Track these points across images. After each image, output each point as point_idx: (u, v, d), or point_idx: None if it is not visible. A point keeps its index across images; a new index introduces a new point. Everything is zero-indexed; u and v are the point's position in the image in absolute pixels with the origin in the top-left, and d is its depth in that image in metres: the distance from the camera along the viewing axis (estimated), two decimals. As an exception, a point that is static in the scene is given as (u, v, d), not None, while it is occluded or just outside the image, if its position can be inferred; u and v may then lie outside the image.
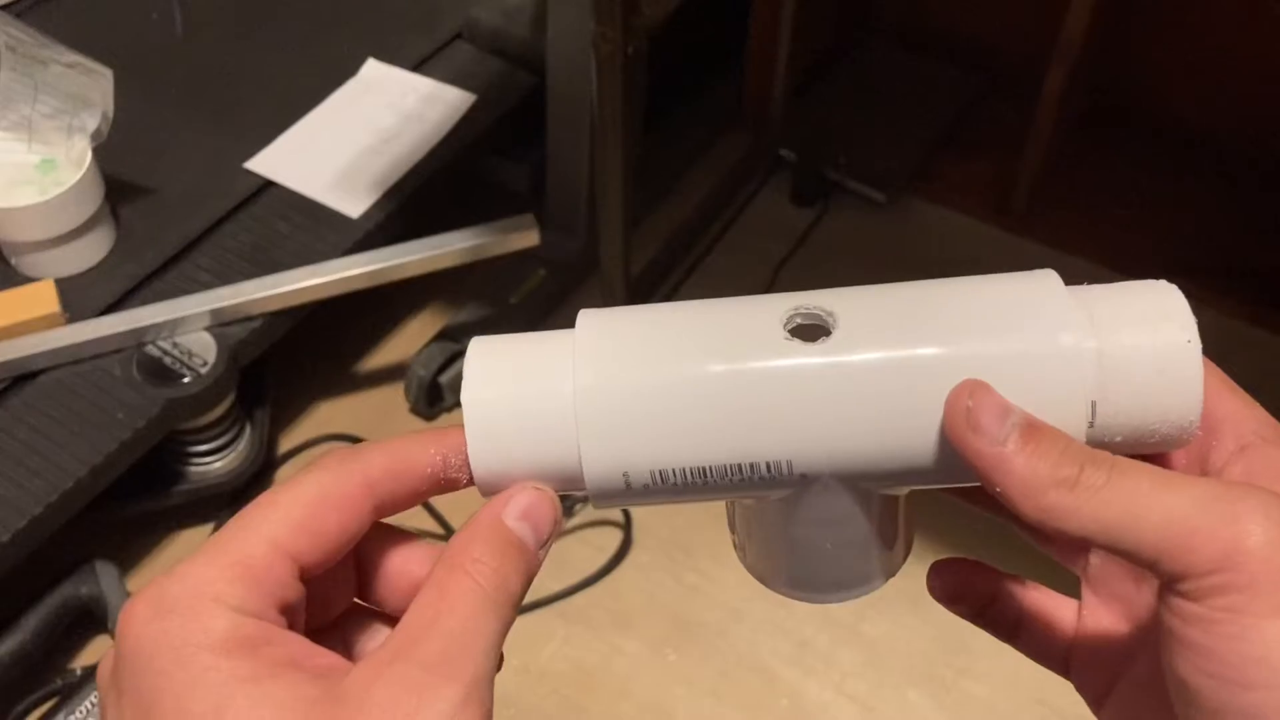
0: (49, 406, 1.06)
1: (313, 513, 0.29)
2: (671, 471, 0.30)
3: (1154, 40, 1.47)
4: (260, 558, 0.28)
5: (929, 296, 0.32)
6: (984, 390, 0.29)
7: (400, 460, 0.31)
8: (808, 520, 0.32)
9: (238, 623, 0.27)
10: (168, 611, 0.27)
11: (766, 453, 0.30)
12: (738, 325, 0.32)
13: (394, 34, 1.39)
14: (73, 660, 1.11)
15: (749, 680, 1.12)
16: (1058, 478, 0.28)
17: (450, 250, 1.18)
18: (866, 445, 0.30)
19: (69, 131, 1.12)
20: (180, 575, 0.28)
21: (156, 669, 0.26)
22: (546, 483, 0.31)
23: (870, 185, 1.53)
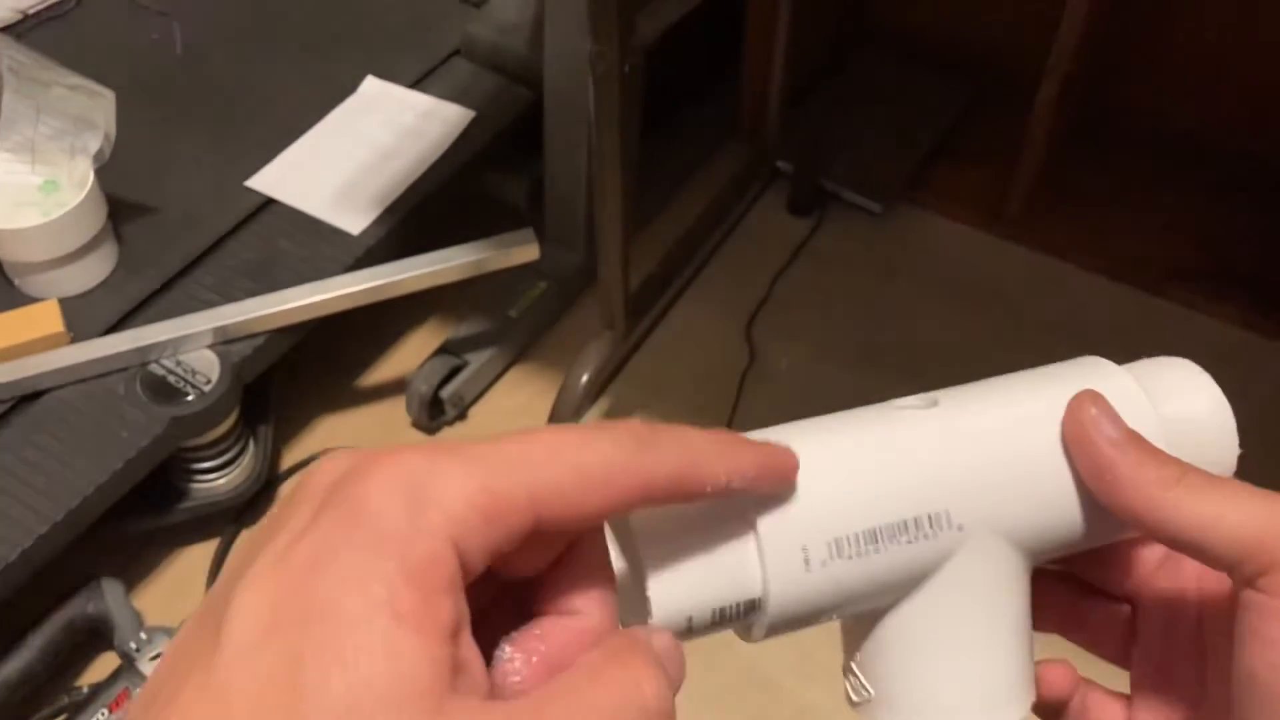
0: (54, 426, 1.06)
1: (582, 484, 0.27)
2: (847, 540, 0.32)
3: (1147, 48, 1.48)
4: (512, 503, 0.25)
5: (1006, 382, 0.36)
6: (1104, 400, 0.33)
7: (690, 469, 0.28)
8: (964, 600, 0.33)
9: (439, 555, 0.24)
10: (403, 494, 0.25)
11: (926, 505, 0.33)
12: (860, 417, 0.34)
13: (392, 51, 1.40)
14: (80, 678, 1.11)
15: (754, 692, 1.13)
16: (1162, 475, 0.32)
17: (451, 265, 1.19)
18: (1001, 483, 0.33)
19: (71, 153, 1.13)
20: (441, 471, 0.25)
21: (354, 532, 0.24)
22: (724, 603, 0.31)
23: (866, 195, 1.54)
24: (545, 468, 0.26)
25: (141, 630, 1.06)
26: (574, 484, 0.26)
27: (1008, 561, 0.34)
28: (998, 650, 0.34)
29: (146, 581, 1.18)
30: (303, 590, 0.24)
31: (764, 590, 0.32)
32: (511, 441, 0.26)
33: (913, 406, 0.34)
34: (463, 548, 0.25)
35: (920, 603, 0.33)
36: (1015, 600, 0.34)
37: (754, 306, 1.44)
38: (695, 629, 0.32)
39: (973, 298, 1.44)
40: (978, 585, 0.33)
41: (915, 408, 0.34)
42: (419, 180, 1.27)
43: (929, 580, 0.33)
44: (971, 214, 1.53)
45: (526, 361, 1.38)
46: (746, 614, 0.32)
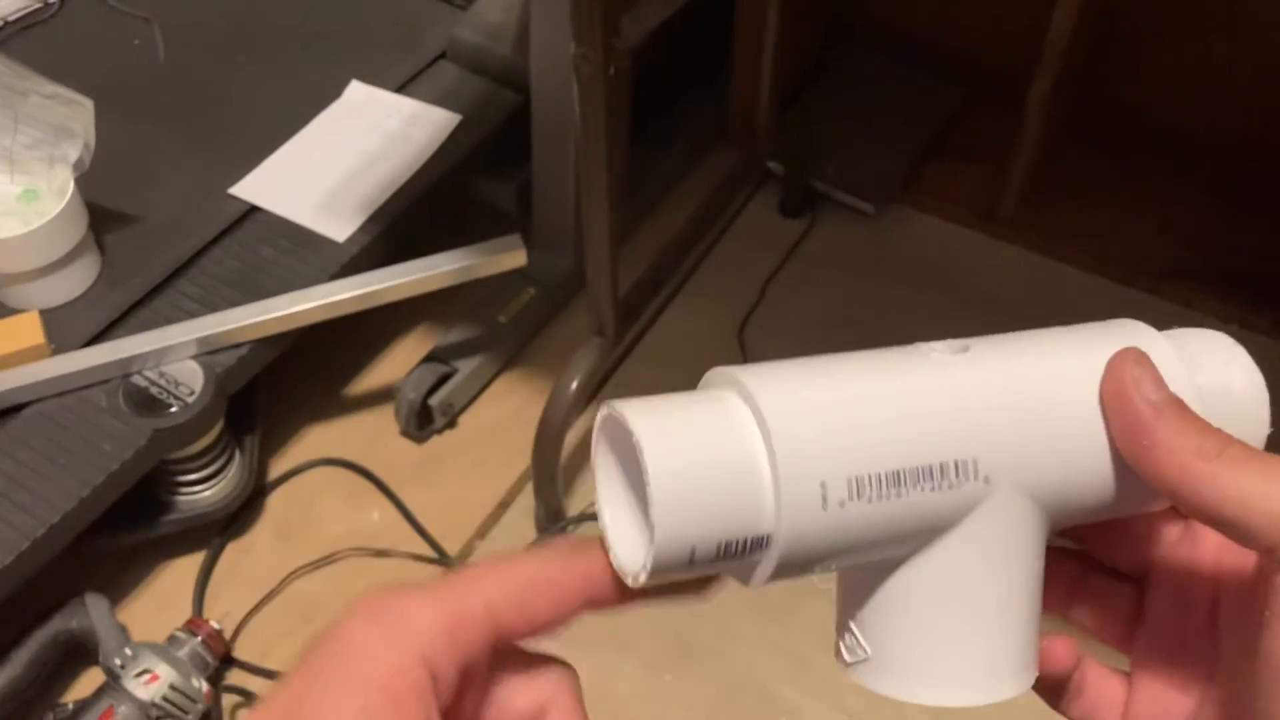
0: (35, 440, 1.05)
1: (532, 592, 0.30)
2: (868, 479, 0.30)
3: (1139, 46, 1.47)
4: (471, 617, 0.29)
5: (1042, 335, 0.34)
6: (1147, 359, 0.32)
7: None
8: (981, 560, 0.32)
9: (409, 666, 0.28)
10: (374, 619, 0.29)
11: (954, 451, 0.31)
12: (889, 356, 0.33)
13: (377, 55, 1.39)
14: (64, 694, 1.10)
15: (747, 700, 1.11)
16: (1203, 446, 0.30)
17: (438, 272, 1.17)
18: (1032, 436, 0.32)
19: (51, 162, 1.11)
20: (406, 598, 0.30)
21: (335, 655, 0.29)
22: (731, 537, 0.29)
23: (858, 196, 1.53)
24: (496, 584, 0.30)
25: (126, 646, 1.05)
26: (523, 592, 0.30)
27: (1029, 522, 0.32)
28: (1008, 618, 0.32)
29: (132, 596, 1.17)
30: (293, 708, 0.28)
31: (775, 526, 0.29)
32: (465, 570, 0.31)
33: (943, 350, 0.33)
34: (431, 660, 0.28)
35: (934, 559, 0.31)
36: (1031, 566, 0.32)
37: (746, 309, 1.43)
38: (698, 561, 0.30)
39: (966, 298, 1.42)
40: (996, 545, 0.31)
41: (947, 351, 0.33)
42: (405, 186, 1.26)
43: (946, 535, 0.31)
44: (964, 213, 1.52)
45: (516, 368, 1.37)
46: (753, 551, 0.30)
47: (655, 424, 0.29)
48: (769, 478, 0.29)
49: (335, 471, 1.27)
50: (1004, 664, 0.32)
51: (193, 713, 1.04)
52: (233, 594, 1.17)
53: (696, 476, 0.29)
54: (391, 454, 1.29)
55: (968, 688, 0.32)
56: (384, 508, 1.25)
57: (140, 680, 1.03)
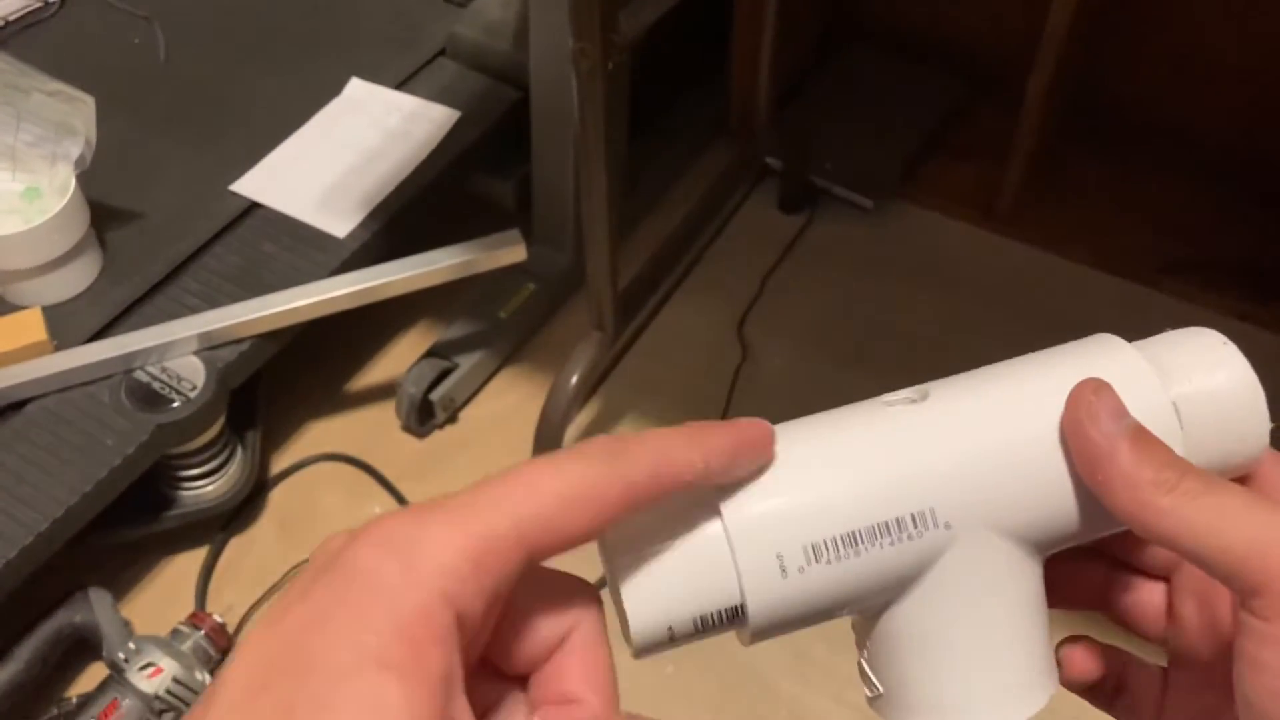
0: (38, 435, 1.06)
1: (566, 507, 0.27)
2: (824, 544, 0.31)
3: (1137, 40, 1.47)
4: (499, 543, 0.26)
5: (1005, 368, 0.34)
6: (1107, 388, 0.31)
7: (665, 464, 0.29)
8: (960, 597, 0.32)
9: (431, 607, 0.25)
10: (392, 552, 0.26)
11: (909, 505, 0.31)
12: (844, 416, 0.33)
13: (377, 52, 1.39)
14: (68, 689, 1.10)
15: (748, 692, 1.12)
16: (1159, 479, 0.30)
17: (438, 267, 1.18)
18: (991, 477, 0.32)
19: (53, 159, 1.12)
20: (426, 524, 0.26)
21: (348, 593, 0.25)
22: (703, 612, 0.31)
23: (856, 191, 1.53)
24: (526, 501, 0.27)
25: (130, 640, 1.06)
26: (556, 509, 0.27)
27: (1005, 555, 0.32)
28: (1002, 645, 0.32)
29: (135, 590, 1.18)
30: (296, 647, 0.25)
31: (742, 599, 0.31)
32: (489, 485, 0.27)
33: (902, 401, 0.33)
34: (456, 597, 0.25)
35: (916, 600, 0.32)
36: (1018, 593, 0.33)
37: (745, 304, 1.43)
38: (678, 638, 0.31)
39: (965, 292, 1.43)
40: (973, 582, 0.32)
41: (904, 402, 0.33)
42: (405, 182, 1.26)
43: (924, 577, 0.32)
44: (963, 208, 1.52)
45: (516, 363, 1.38)
46: (731, 620, 0.31)
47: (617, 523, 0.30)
48: (729, 555, 0.31)
49: (337, 466, 1.28)
50: (1005, 689, 0.33)
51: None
52: (235, 588, 1.18)
53: (658, 562, 0.31)
54: (393, 449, 1.29)
55: (977, 714, 0.33)
56: (385, 502, 1.25)
57: (144, 674, 1.03)
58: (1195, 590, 0.35)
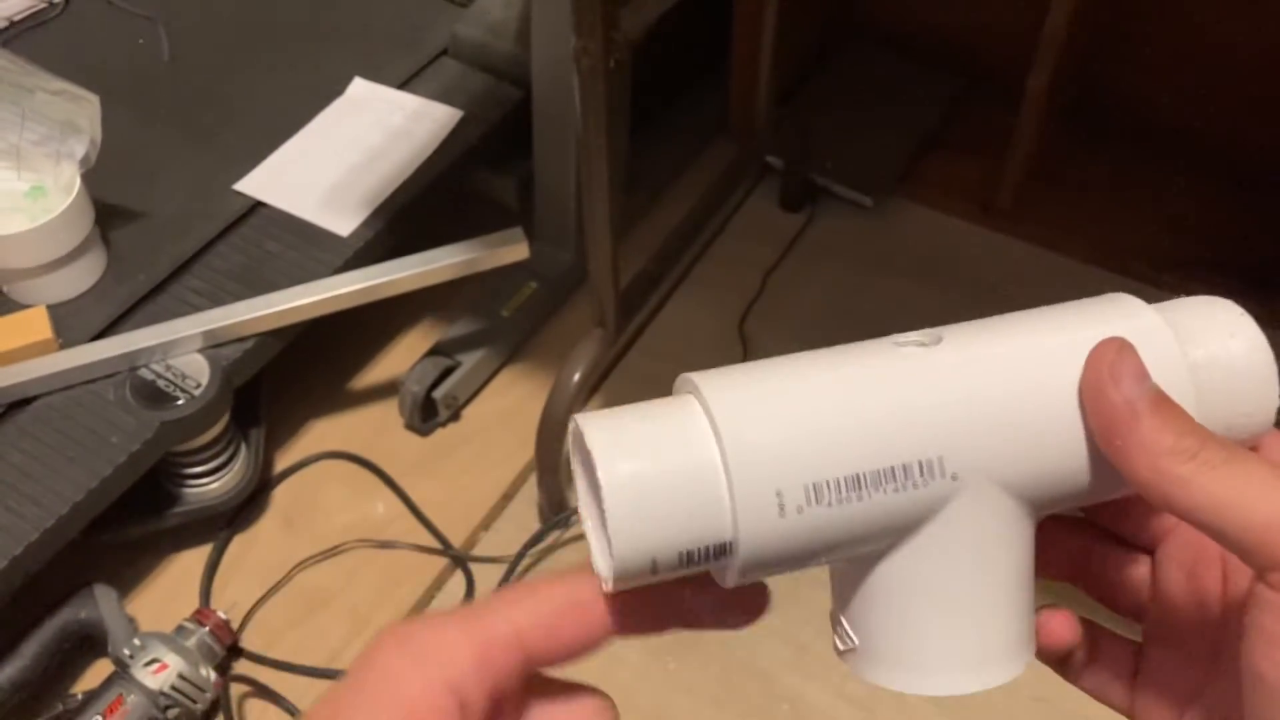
0: (43, 432, 1.06)
1: (557, 615, 0.31)
2: (826, 485, 0.29)
3: (1137, 37, 1.48)
4: (500, 643, 0.30)
5: (1023, 318, 0.34)
6: (1129, 349, 0.30)
7: (658, 590, 0.32)
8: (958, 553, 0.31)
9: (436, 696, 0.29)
10: (404, 650, 0.29)
11: (917, 451, 0.30)
12: (853, 353, 0.32)
13: (380, 52, 1.40)
14: (74, 685, 1.11)
15: (750, 686, 1.12)
16: (1180, 446, 0.29)
17: (441, 265, 1.18)
18: (1003, 429, 0.31)
19: (57, 158, 1.12)
20: (435, 628, 0.30)
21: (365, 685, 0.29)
22: (691, 546, 0.30)
23: (857, 189, 1.54)
24: (525, 608, 0.31)
25: (135, 637, 1.06)
26: (552, 616, 0.31)
27: (1007, 513, 0.31)
28: (990, 607, 0.32)
29: (139, 587, 1.18)
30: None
31: (734, 535, 0.29)
32: (494, 596, 0.31)
33: (912, 343, 0.32)
34: (459, 688, 0.29)
35: (909, 553, 0.31)
36: (1013, 554, 0.32)
37: (746, 302, 1.44)
38: (660, 570, 0.30)
39: (965, 289, 1.43)
40: (972, 538, 0.31)
41: (915, 344, 0.32)
42: (408, 181, 1.27)
43: (920, 529, 0.31)
44: (963, 206, 1.53)
45: (519, 361, 1.38)
46: (717, 557, 0.30)
47: (611, 438, 0.30)
48: (725, 487, 0.29)
49: (340, 464, 1.28)
50: (990, 652, 0.32)
51: (201, 701, 1.05)
52: (239, 585, 1.19)
53: (651, 488, 0.29)
54: (396, 447, 1.30)
55: (954, 676, 0.32)
56: (388, 500, 1.26)
57: (149, 670, 1.04)
58: (1183, 562, 0.35)
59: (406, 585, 1.19)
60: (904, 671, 0.32)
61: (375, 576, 1.20)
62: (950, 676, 0.32)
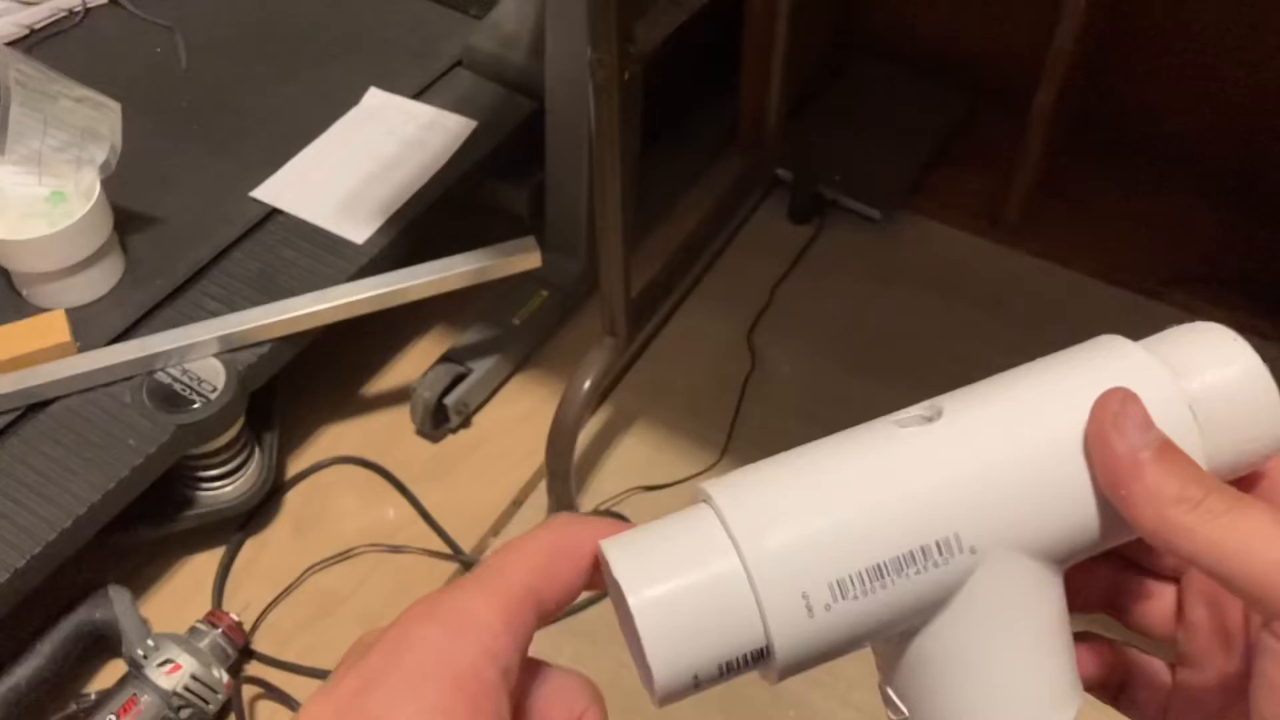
0: (61, 434, 1.07)
1: (551, 559, 0.31)
2: (850, 580, 0.30)
3: (1143, 54, 1.49)
4: (519, 597, 0.30)
5: (1017, 377, 0.34)
6: (1134, 400, 0.31)
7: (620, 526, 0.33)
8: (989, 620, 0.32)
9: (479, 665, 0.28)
10: (437, 620, 0.29)
11: (933, 532, 0.31)
12: (858, 440, 0.33)
13: (395, 63, 1.42)
14: (88, 685, 1.12)
15: (755, 694, 1.13)
16: (1184, 495, 0.29)
17: (453, 273, 1.20)
18: (1012, 496, 0.31)
19: (78, 164, 1.14)
20: (461, 594, 0.30)
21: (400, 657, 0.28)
22: (729, 657, 0.31)
23: (865, 202, 1.55)
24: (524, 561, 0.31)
25: (149, 637, 1.07)
26: (549, 561, 0.31)
27: (1030, 574, 0.32)
28: (1029, 665, 0.32)
29: (153, 589, 1.19)
30: (355, 709, 0.27)
31: (768, 640, 0.30)
32: (492, 559, 0.31)
33: (914, 421, 0.33)
34: (499, 656, 0.29)
35: (942, 626, 0.32)
36: (1043, 610, 0.32)
37: (755, 313, 1.45)
38: (703, 684, 0.31)
39: (972, 303, 1.45)
40: (1000, 604, 0.32)
41: (917, 422, 0.33)
42: (422, 190, 1.28)
43: (949, 603, 0.31)
44: (970, 220, 1.54)
45: (530, 369, 1.39)
46: (756, 662, 0.31)
47: (635, 564, 0.31)
48: (751, 596, 0.30)
49: (352, 469, 1.30)
50: (1032, 708, 0.32)
51: (213, 702, 1.07)
52: (252, 588, 1.20)
53: (680, 609, 0.30)
54: (407, 452, 1.31)
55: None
56: (399, 505, 1.27)
57: (162, 670, 1.05)
58: (1205, 593, 0.35)
59: (417, 590, 1.20)
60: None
61: (386, 581, 1.21)
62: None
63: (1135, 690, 0.37)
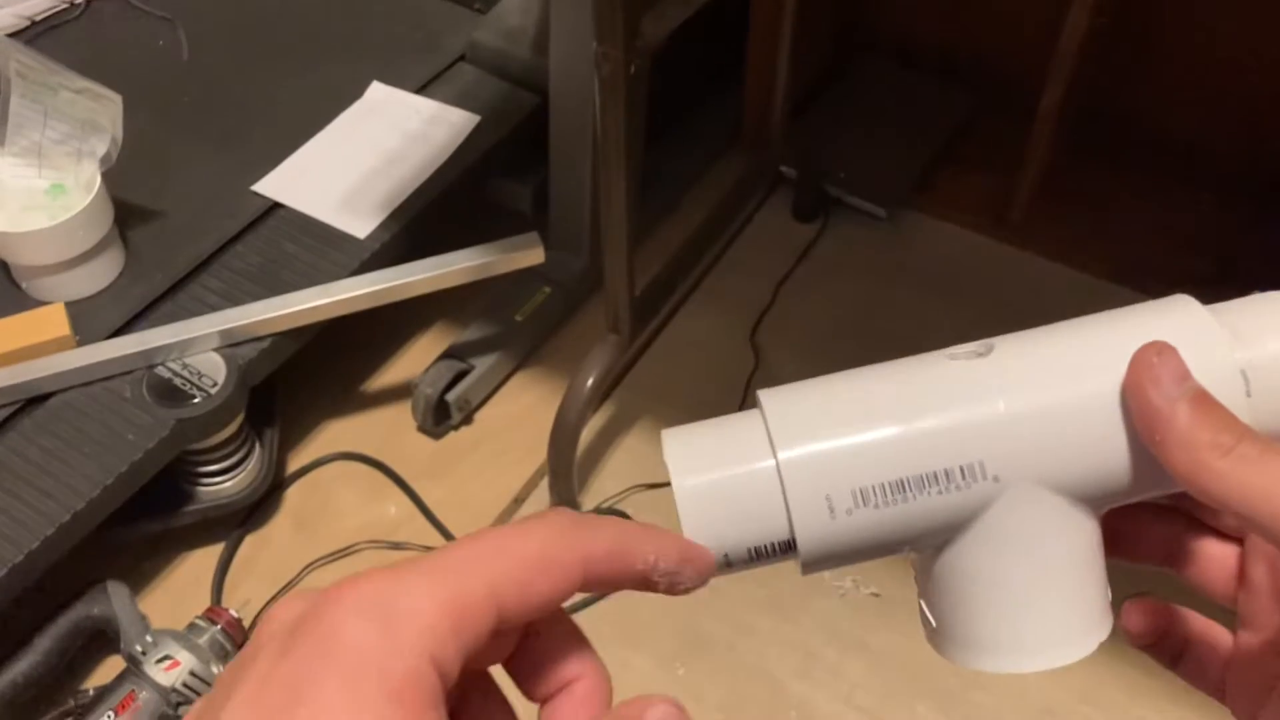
0: (60, 428, 1.07)
1: (530, 570, 0.28)
2: (872, 490, 0.32)
3: (1150, 53, 1.48)
4: (476, 603, 0.27)
5: (1074, 325, 0.35)
6: (1171, 352, 0.32)
7: (622, 548, 0.30)
8: (1008, 546, 0.33)
9: (420, 671, 0.26)
10: (373, 615, 0.26)
11: (958, 456, 0.32)
12: (907, 366, 0.35)
13: (398, 57, 1.41)
14: (85, 680, 1.11)
15: (758, 693, 1.13)
16: (1216, 441, 0.30)
17: (456, 269, 1.19)
18: (1043, 434, 0.32)
19: (78, 156, 1.13)
20: (404, 587, 0.26)
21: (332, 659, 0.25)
22: (757, 543, 0.33)
23: (870, 200, 1.54)
24: (496, 563, 0.27)
25: (147, 633, 1.06)
26: (524, 571, 0.28)
27: (1054, 509, 0.33)
28: (1048, 593, 0.33)
29: (152, 584, 1.19)
30: (282, 711, 0.24)
31: (791, 534, 0.33)
32: (460, 547, 0.28)
33: (966, 355, 0.34)
34: (440, 660, 0.26)
35: (964, 546, 0.33)
36: (1066, 545, 0.33)
37: (759, 311, 1.44)
38: (734, 564, 0.33)
39: (977, 302, 1.44)
40: (1021, 533, 0.33)
41: (968, 356, 0.34)
42: (424, 185, 1.27)
43: (971, 525, 0.33)
44: (975, 219, 1.53)
45: (532, 366, 1.39)
46: (783, 552, 0.33)
47: (683, 451, 0.34)
48: (780, 493, 0.33)
49: (353, 465, 1.29)
50: (1049, 636, 0.34)
51: (212, 699, 1.06)
52: (251, 584, 1.19)
53: (716, 498, 0.33)
54: (408, 449, 1.30)
55: (1015, 657, 0.34)
56: (400, 502, 1.26)
57: (161, 666, 1.04)
58: (1268, 554, 0.35)
59: (417, 587, 1.19)
60: (977, 651, 0.34)
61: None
62: (1012, 657, 0.34)
63: (1195, 655, 0.37)
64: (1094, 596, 0.34)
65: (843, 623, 1.14)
